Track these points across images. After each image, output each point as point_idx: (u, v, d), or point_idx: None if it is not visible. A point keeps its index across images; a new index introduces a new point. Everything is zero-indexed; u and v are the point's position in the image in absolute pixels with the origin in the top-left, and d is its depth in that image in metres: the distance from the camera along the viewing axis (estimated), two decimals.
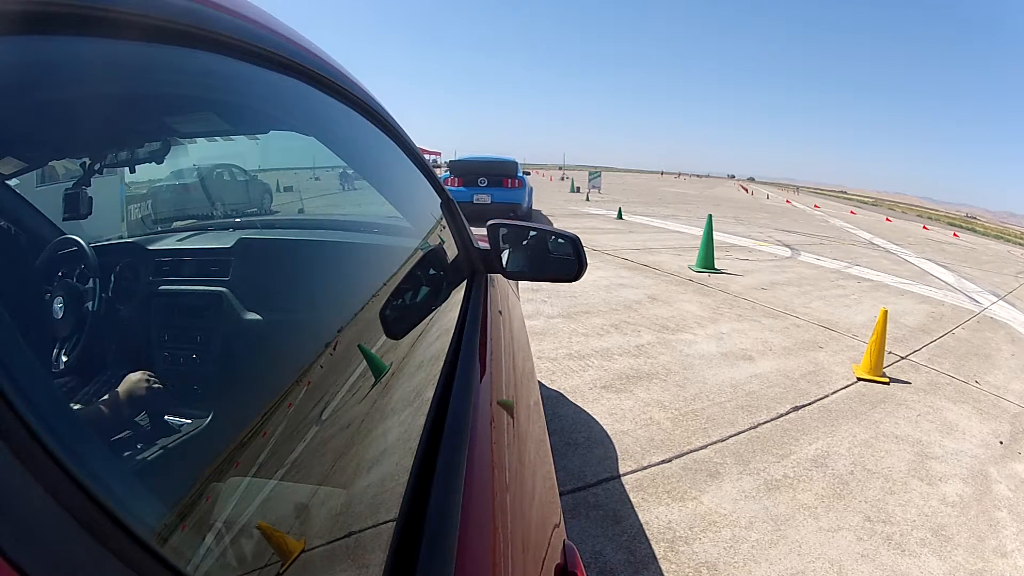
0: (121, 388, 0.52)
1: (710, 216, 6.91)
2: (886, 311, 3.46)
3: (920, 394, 3.32)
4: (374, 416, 0.62)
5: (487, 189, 9.41)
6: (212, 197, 1.10)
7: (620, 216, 12.08)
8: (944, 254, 11.38)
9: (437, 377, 0.75)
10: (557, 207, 14.57)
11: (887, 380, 3.44)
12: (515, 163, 10.05)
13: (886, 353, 3.63)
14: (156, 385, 0.54)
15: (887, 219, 22.73)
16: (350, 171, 1.10)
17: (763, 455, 2.46)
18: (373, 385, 0.66)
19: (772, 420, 2.81)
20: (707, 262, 6.57)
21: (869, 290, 6.30)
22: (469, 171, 9.57)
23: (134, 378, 0.52)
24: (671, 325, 4.31)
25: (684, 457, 2.40)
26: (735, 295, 5.45)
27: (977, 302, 6.30)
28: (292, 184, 1.33)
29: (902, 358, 3.96)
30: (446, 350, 0.84)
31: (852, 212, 24.81)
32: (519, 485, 0.68)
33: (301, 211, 1.46)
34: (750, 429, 2.69)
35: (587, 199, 17.98)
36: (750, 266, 7.13)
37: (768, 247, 9.15)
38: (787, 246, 9.51)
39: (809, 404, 3.04)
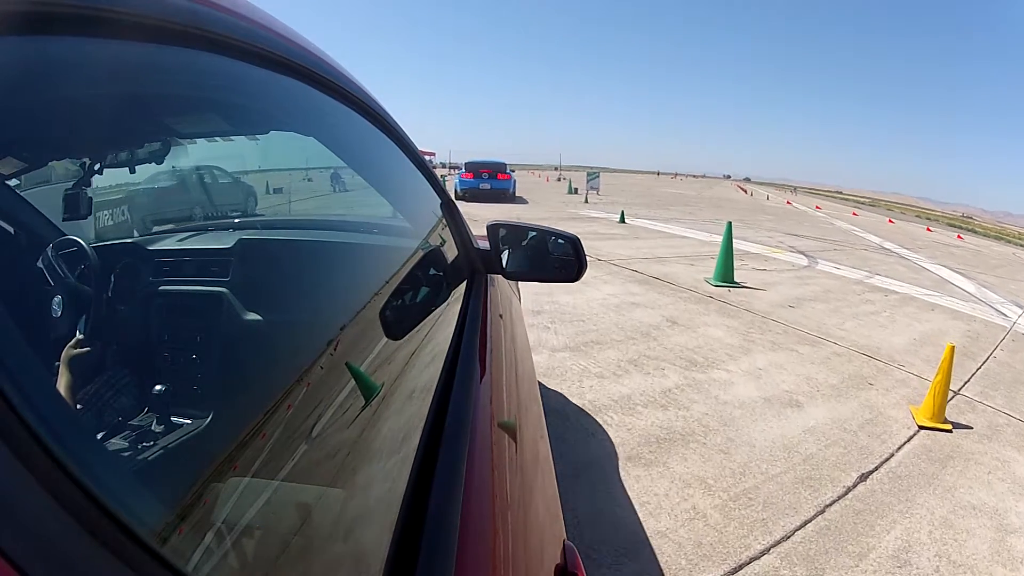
0: (120, 388, 0.52)
1: (729, 224, 6.14)
2: (952, 348, 3.02)
3: (984, 442, 2.92)
4: (374, 416, 0.62)
5: (487, 180, 15.64)
6: (190, 200, 1.07)
7: (623, 220, 11.46)
8: (955, 258, 10.95)
9: (437, 377, 0.75)
10: (554, 209, 14.08)
11: (950, 427, 3.03)
12: (505, 164, 16.47)
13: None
14: (157, 386, 0.54)
15: (890, 220, 22.20)
16: (350, 171, 1.10)
17: (838, 556, 1.94)
18: (373, 385, 0.66)
19: (840, 498, 2.29)
20: (726, 275, 5.96)
21: (898, 304, 5.81)
22: (477, 168, 15.90)
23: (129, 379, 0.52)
24: (699, 359, 3.66)
25: (744, 571, 1.84)
26: (763, 315, 4.85)
27: (1005, 315, 5.94)
28: (283, 185, 1.31)
29: (955, 393, 3.50)
30: (446, 350, 0.84)
31: (854, 214, 24.35)
32: (519, 485, 0.68)
33: (295, 211, 1.45)
34: (817, 515, 2.16)
35: (586, 201, 17.34)
36: (770, 278, 6.50)
37: (783, 254, 8.54)
38: (801, 253, 8.88)
39: (876, 469, 2.54)
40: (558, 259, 1.24)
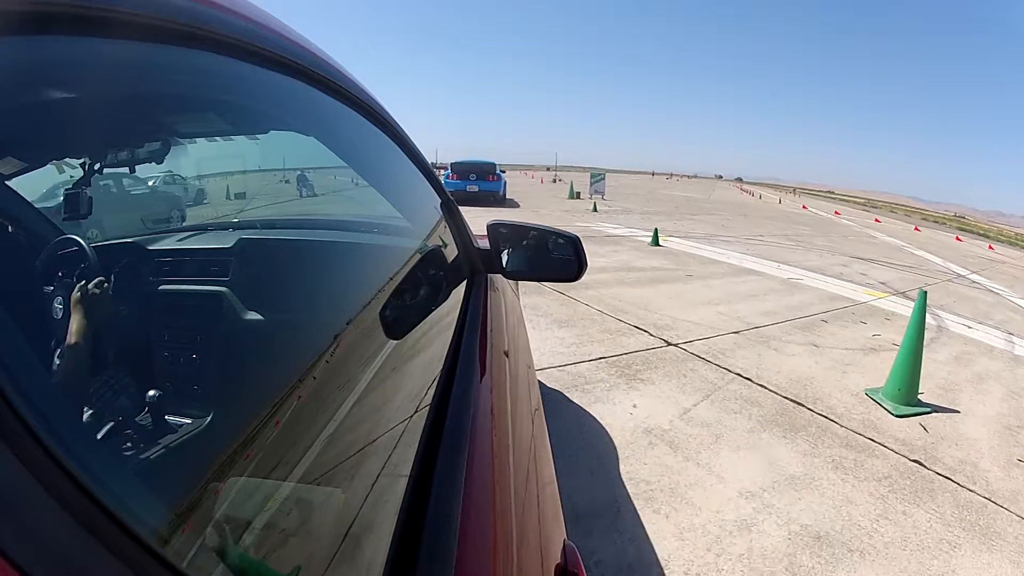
0: (121, 388, 0.52)
1: (923, 295, 3.32)
2: None
3: None
4: (374, 416, 0.62)
5: (475, 182, 14.23)
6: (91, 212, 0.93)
7: (656, 241, 8.50)
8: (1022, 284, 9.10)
9: (437, 377, 0.75)
10: (560, 222, 10.67)
11: None
12: (494, 164, 14.99)
13: None
14: (157, 388, 0.54)
15: (916, 228, 20.30)
16: (350, 171, 1.10)
17: None
18: (373, 385, 0.66)
19: None
20: (911, 392, 3.21)
21: None
22: (464, 169, 14.55)
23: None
24: None
25: None
26: None
27: None
28: (245, 190, 1.25)
29: None
30: (446, 350, 0.84)
31: (877, 220, 22.18)
32: (519, 485, 0.68)
33: (295, 211, 1.45)
34: None
35: (594, 209, 14.15)
36: (940, 372, 4.00)
37: (888, 302, 5.92)
38: (904, 296, 6.30)
39: None
40: (558, 258, 1.24)
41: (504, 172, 16.19)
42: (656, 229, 9.12)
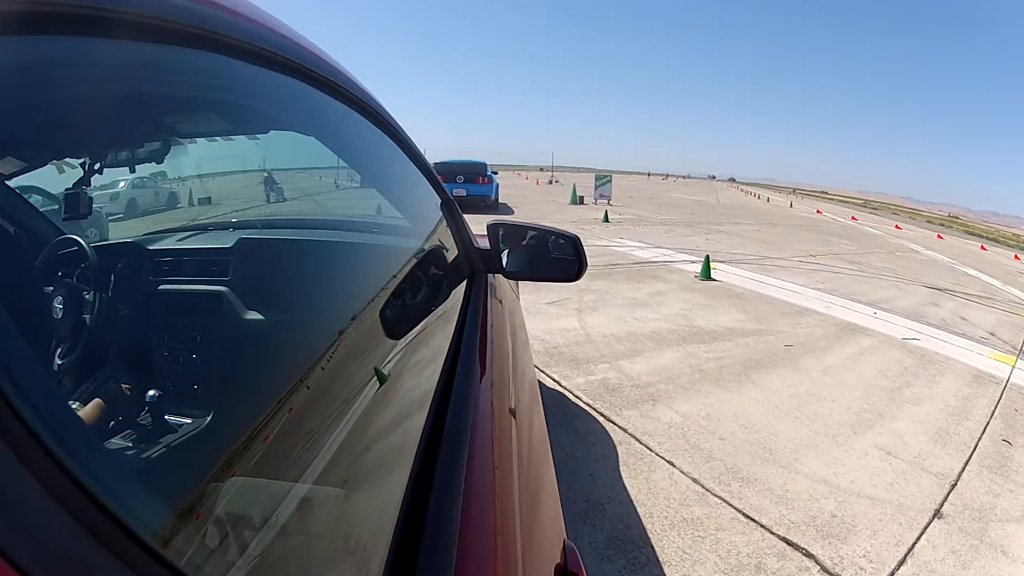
0: (120, 391, 0.52)
1: None
2: None
3: None
4: (374, 416, 0.62)
5: (463, 184, 12.29)
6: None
7: (707, 273, 6.30)
8: None
9: (437, 377, 0.75)
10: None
11: None
12: (485, 164, 13.18)
13: None
14: (157, 388, 0.54)
15: (939, 236, 18.38)
16: (350, 170, 1.10)
17: None
18: (373, 385, 0.66)
19: None
20: None
21: None
22: (450, 170, 12.54)
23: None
24: None
25: None
26: None
27: None
28: (211, 194, 1.19)
29: None
30: (446, 350, 0.84)
31: (898, 227, 20.44)
32: (519, 484, 0.68)
33: (295, 211, 1.45)
34: None
35: (605, 219, 11.69)
36: None
37: None
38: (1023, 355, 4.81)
39: None
40: (558, 258, 1.24)
41: (496, 173, 14.31)
42: (708, 257, 6.63)
